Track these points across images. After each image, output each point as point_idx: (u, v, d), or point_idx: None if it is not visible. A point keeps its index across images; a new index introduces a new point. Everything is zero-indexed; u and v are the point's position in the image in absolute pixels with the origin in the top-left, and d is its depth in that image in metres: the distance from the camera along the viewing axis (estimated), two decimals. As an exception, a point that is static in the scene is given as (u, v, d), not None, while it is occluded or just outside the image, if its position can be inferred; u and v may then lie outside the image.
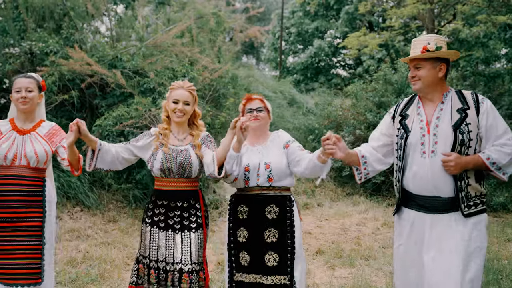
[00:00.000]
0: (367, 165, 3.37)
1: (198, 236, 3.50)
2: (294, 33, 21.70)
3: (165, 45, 8.72)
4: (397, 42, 15.99)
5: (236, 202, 3.65)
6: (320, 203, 9.61)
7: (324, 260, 6.28)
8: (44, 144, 3.68)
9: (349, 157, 3.33)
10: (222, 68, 9.26)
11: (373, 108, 10.19)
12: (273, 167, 3.53)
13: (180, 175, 3.50)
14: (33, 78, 3.77)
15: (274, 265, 3.46)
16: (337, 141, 3.25)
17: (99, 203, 7.58)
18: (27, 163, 3.62)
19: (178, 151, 3.51)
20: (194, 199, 3.55)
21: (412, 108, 3.29)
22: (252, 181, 3.55)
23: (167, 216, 3.50)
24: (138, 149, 3.61)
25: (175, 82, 3.68)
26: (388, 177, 9.65)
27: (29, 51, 8.15)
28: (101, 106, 8.17)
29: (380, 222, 8.25)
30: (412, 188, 3.18)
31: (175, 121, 3.58)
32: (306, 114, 12.90)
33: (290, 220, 3.53)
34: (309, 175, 3.51)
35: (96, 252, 6.02)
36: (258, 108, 3.66)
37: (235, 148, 3.36)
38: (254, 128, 3.64)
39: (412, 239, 3.22)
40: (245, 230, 3.56)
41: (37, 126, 3.77)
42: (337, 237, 7.49)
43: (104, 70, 7.71)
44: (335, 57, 20.97)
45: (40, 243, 3.63)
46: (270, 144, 3.67)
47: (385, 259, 6.30)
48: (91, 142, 3.44)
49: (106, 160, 3.52)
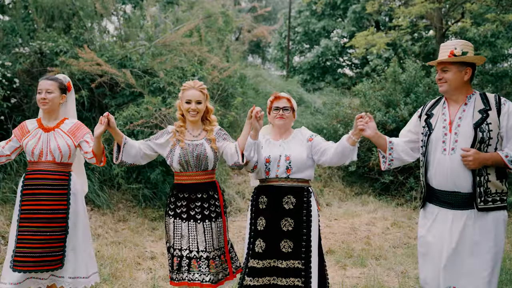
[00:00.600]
0: (393, 151, 3.59)
1: (218, 224, 3.83)
2: (301, 33, 21.66)
3: (174, 45, 8.73)
4: (404, 41, 15.94)
5: (258, 193, 3.86)
6: (329, 203, 9.59)
7: (335, 259, 6.26)
8: (67, 139, 3.92)
9: (378, 137, 3.56)
10: (231, 67, 9.25)
11: (381, 107, 10.17)
12: (292, 159, 3.73)
13: (198, 168, 3.79)
14: (55, 80, 4.00)
15: (288, 251, 3.66)
16: (369, 120, 3.52)
17: (109, 202, 7.59)
18: (52, 158, 3.89)
19: (194, 145, 3.79)
20: (213, 190, 3.86)
21: (438, 108, 3.52)
22: (272, 172, 3.76)
23: (189, 207, 3.79)
24: (158, 146, 3.87)
25: (186, 82, 3.90)
26: (397, 176, 9.62)
27: (39, 50, 8.17)
28: (111, 105, 8.19)
29: (390, 222, 8.22)
30: (435, 183, 3.40)
31: (190, 120, 3.84)
32: (314, 114, 12.87)
33: (307, 210, 3.72)
34: (338, 160, 3.69)
35: (107, 252, 6.02)
36: (284, 107, 3.88)
37: (252, 135, 3.60)
38: (279, 125, 3.90)
39: (431, 233, 3.41)
40: (264, 219, 3.75)
41: (61, 123, 4.02)
42: (347, 236, 7.47)
43: (114, 69, 7.73)
44: (342, 57, 20.92)
45: (63, 233, 3.87)
46: (292, 139, 3.89)
47: (396, 259, 6.28)
48: (118, 136, 3.72)
49: (130, 154, 3.79)
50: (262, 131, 3.99)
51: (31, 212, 3.83)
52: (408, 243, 7.15)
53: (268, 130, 4.10)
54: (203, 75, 8.21)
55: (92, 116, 8.49)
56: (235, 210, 8.50)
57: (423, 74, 10.51)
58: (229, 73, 8.99)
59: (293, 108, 3.94)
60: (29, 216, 3.83)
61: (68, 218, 3.89)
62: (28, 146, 3.90)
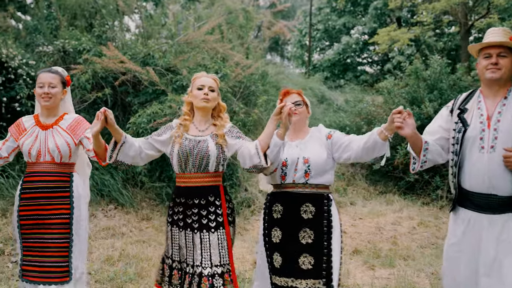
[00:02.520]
0: (427, 152, 3.18)
1: (219, 236, 3.26)
2: (321, 30, 21.48)
3: (197, 42, 8.66)
4: (427, 37, 15.69)
5: (272, 200, 3.45)
6: (353, 202, 9.45)
7: (362, 260, 6.14)
8: (66, 137, 3.56)
9: (415, 137, 3.13)
10: (253, 65, 9.16)
11: (405, 105, 9.99)
12: (311, 162, 3.32)
13: (197, 169, 3.30)
14: (57, 73, 3.65)
15: (308, 268, 3.23)
16: (408, 116, 3.05)
17: (133, 200, 7.56)
18: (51, 158, 3.52)
19: (196, 141, 3.32)
20: (214, 195, 3.32)
21: (472, 102, 3.17)
22: (289, 176, 3.35)
23: (185, 214, 3.32)
24: (160, 143, 3.42)
25: (196, 73, 3.56)
26: (422, 175, 9.44)
27: (62, 49, 8.18)
28: (134, 104, 8.15)
29: (416, 221, 8.06)
30: (468, 185, 3.05)
31: (201, 106, 3.37)
32: (337, 111, 12.73)
33: (328, 220, 3.29)
34: (364, 156, 3.27)
35: (132, 250, 5.97)
36: (296, 102, 3.46)
37: (280, 135, 3.14)
38: (293, 123, 3.42)
39: (466, 240, 3.06)
40: (279, 230, 3.34)
41: (60, 119, 3.65)
42: (373, 236, 7.34)
43: (137, 67, 7.67)
44: (362, 54, 20.70)
45: (67, 240, 3.50)
46: (309, 139, 3.47)
47: (425, 260, 6.13)
48: (117, 134, 3.25)
49: (128, 154, 3.33)
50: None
51: (31, 218, 3.50)
52: (436, 243, 6.99)
53: None
54: (226, 72, 8.12)
55: (115, 115, 8.42)
56: (258, 209, 8.40)
57: (448, 70, 10.30)
58: (252, 70, 8.89)
59: (306, 103, 3.55)
60: (30, 222, 3.50)
61: (71, 224, 3.53)
62: (25, 146, 3.54)
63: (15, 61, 7.29)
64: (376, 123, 10.15)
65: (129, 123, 7.33)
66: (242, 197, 8.33)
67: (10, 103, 7.23)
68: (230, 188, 8.18)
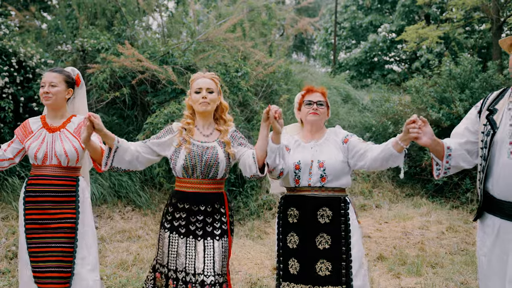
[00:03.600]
0: (450, 158, 2.96)
1: (223, 244, 3.18)
2: (347, 28, 21.09)
3: (217, 40, 8.44)
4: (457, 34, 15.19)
5: (286, 204, 3.32)
6: (378, 205, 9.12)
7: (387, 267, 5.83)
8: (73, 141, 3.48)
9: (435, 144, 2.93)
10: (275, 63, 8.91)
11: (435, 104, 9.62)
12: (327, 166, 3.21)
13: (204, 176, 3.19)
14: (61, 72, 3.54)
15: (326, 274, 3.12)
16: (423, 124, 2.88)
17: (151, 202, 7.40)
18: (58, 162, 3.44)
19: (204, 148, 3.20)
20: (219, 203, 3.24)
21: (502, 102, 2.84)
22: (304, 180, 3.24)
23: (189, 221, 3.18)
24: (159, 146, 3.29)
25: (194, 74, 3.42)
26: (451, 177, 9.06)
27: (81, 48, 8.07)
28: (153, 103, 7.99)
29: (445, 226, 7.69)
30: (496, 192, 2.75)
31: (200, 110, 3.26)
32: (362, 111, 12.38)
33: (345, 224, 3.20)
34: (379, 166, 3.15)
35: (147, 255, 5.79)
36: (318, 101, 3.36)
37: (274, 139, 3.04)
38: (311, 122, 3.37)
39: (496, 250, 2.77)
40: (296, 235, 3.23)
41: (67, 122, 3.56)
42: (399, 241, 7.01)
43: (155, 66, 7.51)
44: (390, 52, 20.24)
45: (71, 245, 3.40)
46: (325, 141, 3.35)
47: (454, 268, 5.79)
48: (108, 138, 3.12)
49: (124, 159, 3.21)
50: (288, 131, 3.53)
51: (37, 222, 3.40)
52: (466, 250, 6.64)
53: (295, 129, 3.56)
54: (246, 70, 7.89)
55: (134, 115, 8.33)
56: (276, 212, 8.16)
57: (479, 68, 9.88)
58: (274, 68, 8.63)
59: (328, 104, 3.43)
60: (35, 226, 3.39)
61: (77, 229, 3.43)
62: (31, 149, 3.45)
63: (33, 60, 7.21)
64: (403, 123, 9.79)
65: (146, 123, 7.16)
66: (263, 199, 8.09)
67: (28, 103, 7.15)
68: (250, 190, 7.95)
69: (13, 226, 6.05)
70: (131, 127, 8.17)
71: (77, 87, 3.64)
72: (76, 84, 3.62)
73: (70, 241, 3.40)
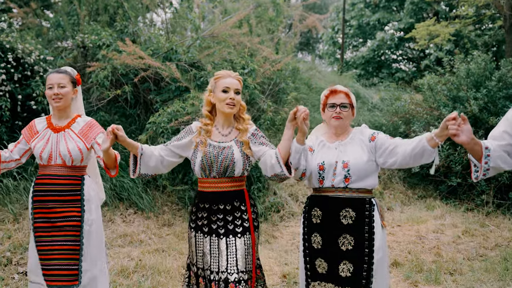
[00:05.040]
0: (489, 158, 2.80)
1: (245, 241, 3.20)
2: (354, 26, 20.74)
3: (223, 36, 8.12)
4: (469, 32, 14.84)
5: (311, 204, 3.30)
6: (390, 207, 8.78)
7: (404, 274, 5.51)
8: (78, 141, 3.51)
9: (473, 144, 2.78)
10: (283, 60, 8.58)
11: (448, 103, 9.27)
12: (351, 166, 3.14)
13: (221, 175, 3.21)
14: (66, 73, 3.59)
15: (347, 275, 3.09)
16: (463, 123, 2.75)
17: (153, 205, 7.10)
18: (62, 161, 3.48)
19: (221, 148, 3.21)
20: (239, 200, 3.25)
21: None
22: (327, 181, 3.19)
23: (210, 220, 3.24)
24: (180, 148, 3.34)
25: (218, 72, 3.35)
26: (465, 178, 8.70)
27: (81, 44, 7.78)
28: (156, 101, 7.68)
29: (460, 230, 7.35)
30: None
31: (226, 112, 3.23)
32: (372, 110, 12.05)
33: (369, 226, 3.12)
34: (410, 163, 3.07)
35: (149, 261, 5.48)
36: (342, 103, 3.25)
37: (299, 140, 3.01)
38: (335, 126, 3.30)
39: None
40: (319, 236, 3.21)
41: (72, 122, 3.60)
42: (414, 246, 6.67)
43: (157, 63, 7.19)
44: (398, 51, 19.88)
45: (78, 243, 3.46)
46: (350, 141, 3.28)
47: (474, 275, 5.46)
48: (131, 147, 3.24)
49: (149, 165, 3.30)
50: (315, 131, 3.49)
51: (44, 220, 3.47)
52: (484, 255, 6.30)
53: (322, 129, 3.49)
54: (253, 67, 7.56)
55: (136, 113, 8.03)
56: (288, 214, 7.83)
57: (493, 66, 9.53)
58: (281, 65, 8.30)
59: (352, 104, 3.30)
60: (42, 225, 3.47)
61: (82, 227, 3.48)
62: (36, 149, 3.50)
63: (31, 57, 6.92)
64: (415, 122, 9.46)
65: (149, 123, 6.86)
66: (271, 201, 7.76)
67: (26, 101, 6.87)
68: (257, 192, 7.64)
69: (9, 230, 5.77)
70: (133, 126, 7.86)
71: (78, 86, 3.68)
72: (77, 83, 3.67)
73: (76, 239, 3.45)
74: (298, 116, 2.93)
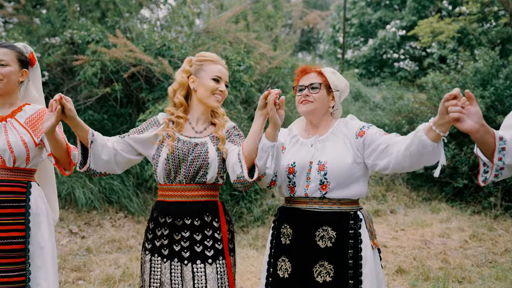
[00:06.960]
0: (505, 153, 1.97)
1: (218, 268, 2.44)
2: (356, 24, 20.42)
3: (218, 32, 7.77)
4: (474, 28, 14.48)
5: (281, 219, 2.51)
6: (393, 210, 8.42)
7: (409, 283, 5.16)
8: (23, 133, 2.61)
9: (484, 132, 1.95)
10: (281, 56, 8.23)
11: (453, 101, 8.92)
12: (329, 169, 2.36)
13: (190, 180, 2.47)
14: (12, 48, 2.70)
15: None
16: (470, 103, 1.93)
17: (145, 209, 6.75)
18: (2, 161, 2.55)
19: (192, 144, 2.50)
20: (211, 214, 2.50)
21: None
22: (299, 188, 2.43)
23: (172, 239, 2.47)
24: (141, 144, 2.57)
25: (205, 53, 2.64)
26: (471, 180, 8.35)
27: (70, 40, 7.43)
28: (148, 100, 7.34)
29: (467, 234, 7.00)
30: None
31: (211, 105, 2.56)
32: (374, 109, 11.71)
33: (355, 250, 2.35)
34: (408, 166, 2.24)
35: (137, 269, 5.13)
36: (311, 84, 2.50)
37: (270, 135, 2.27)
38: (304, 113, 2.54)
39: None
40: (288, 261, 2.42)
41: (18, 111, 2.69)
42: (419, 251, 6.32)
43: (149, 57, 6.84)
44: (400, 49, 19.55)
45: (23, 273, 2.52)
46: (331, 136, 2.50)
47: (485, 283, 5.12)
48: (80, 130, 2.41)
49: (100, 158, 2.47)
50: (293, 124, 2.77)
51: None
52: (494, 261, 5.96)
53: (302, 122, 2.74)
54: (250, 64, 7.21)
55: (128, 113, 7.69)
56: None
57: (500, 63, 9.18)
58: (279, 62, 7.95)
59: (328, 85, 2.53)
60: None
61: (27, 251, 2.54)
62: None
63: (16, 53, 6.59)
64: (418, 122, 9.11)
65: (139, 121, 6.51)
66: (268, 204, 7.42)
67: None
68: (255, 194, 7.28)
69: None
70: (125, 126, 7.52)
71: (31, 67, 2.81)
72: (30, 64, 2.80)
73: (20, 267, 2.52)
74: (268, 100, 2.23)
